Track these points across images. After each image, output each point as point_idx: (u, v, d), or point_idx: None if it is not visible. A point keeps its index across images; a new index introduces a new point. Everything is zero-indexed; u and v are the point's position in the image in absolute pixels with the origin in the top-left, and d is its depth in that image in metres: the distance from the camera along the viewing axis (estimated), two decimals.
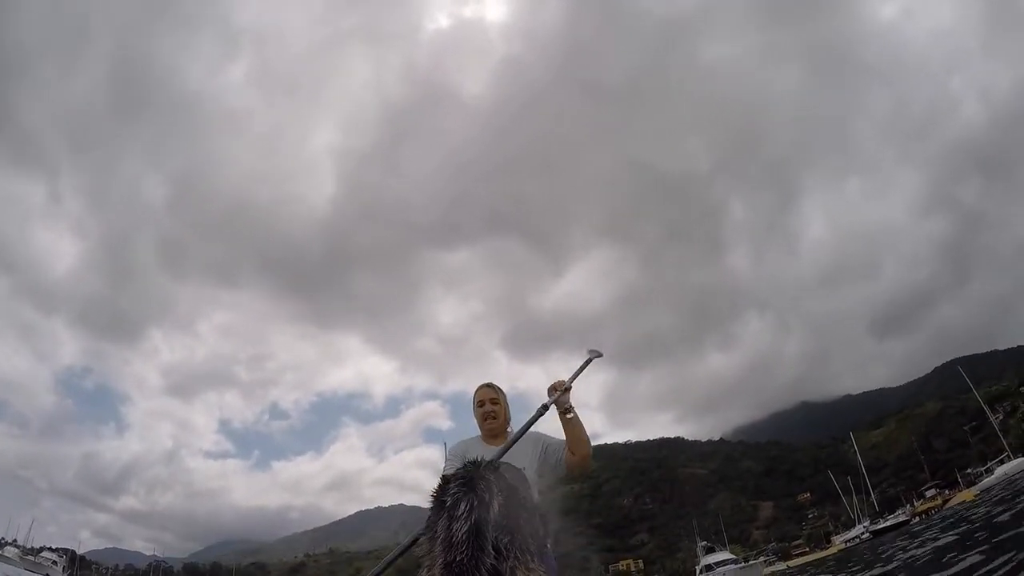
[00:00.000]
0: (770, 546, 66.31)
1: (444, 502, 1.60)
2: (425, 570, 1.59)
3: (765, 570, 47.72)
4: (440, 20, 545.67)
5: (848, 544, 50.90)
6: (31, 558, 71.22)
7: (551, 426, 3.07)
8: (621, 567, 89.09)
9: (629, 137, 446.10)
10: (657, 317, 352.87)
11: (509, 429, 3.31)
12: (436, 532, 1.58)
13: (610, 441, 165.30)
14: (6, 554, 67.43)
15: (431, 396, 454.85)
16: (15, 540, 79.96)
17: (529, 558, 1.56)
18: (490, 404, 3.30)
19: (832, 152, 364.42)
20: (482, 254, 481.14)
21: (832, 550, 53.14)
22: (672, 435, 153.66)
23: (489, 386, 3.41)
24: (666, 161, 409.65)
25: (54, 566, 71.62)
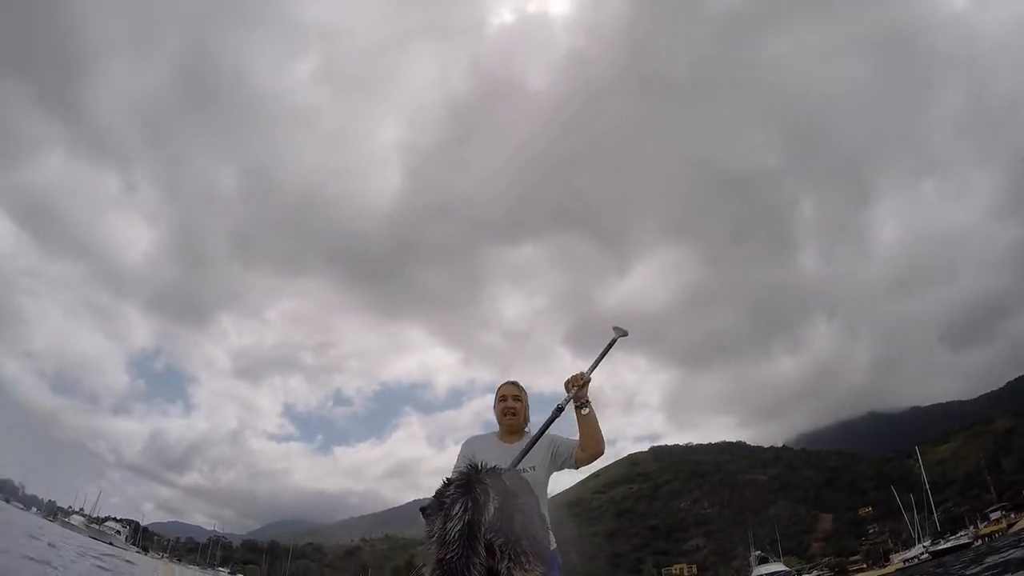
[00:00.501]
0: (825, 560, 65.18)
1: (443, 503, 1.71)
2: (428, 568, 1.71)
3: None
4: (504, 15, 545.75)
5: (907, 564, 49.92)
6: (95, 526, 76.17)
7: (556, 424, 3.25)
8: (674, 571, 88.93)
9: (694, 133, 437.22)
10: (722, 317, 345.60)
11: (526, 430, 3.45)
12: (433, 531, 1.69)
13: (671, 442, 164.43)
14: (72, 522, 72.45)
15: (493, 389, 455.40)
16: (81, 509, 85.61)
17: (525, 559, 1.63)
18: (512, 400, 3.48)
19: (905, 149, 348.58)
20: (547, 250, 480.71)
21: (890, 569, 52.24)
22: (734, 439, 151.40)
23: (514, 383, 3.61)
24: (732, 158, 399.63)
25: (117, 535, 76.20)
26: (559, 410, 3.18)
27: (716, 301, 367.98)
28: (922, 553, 48.27)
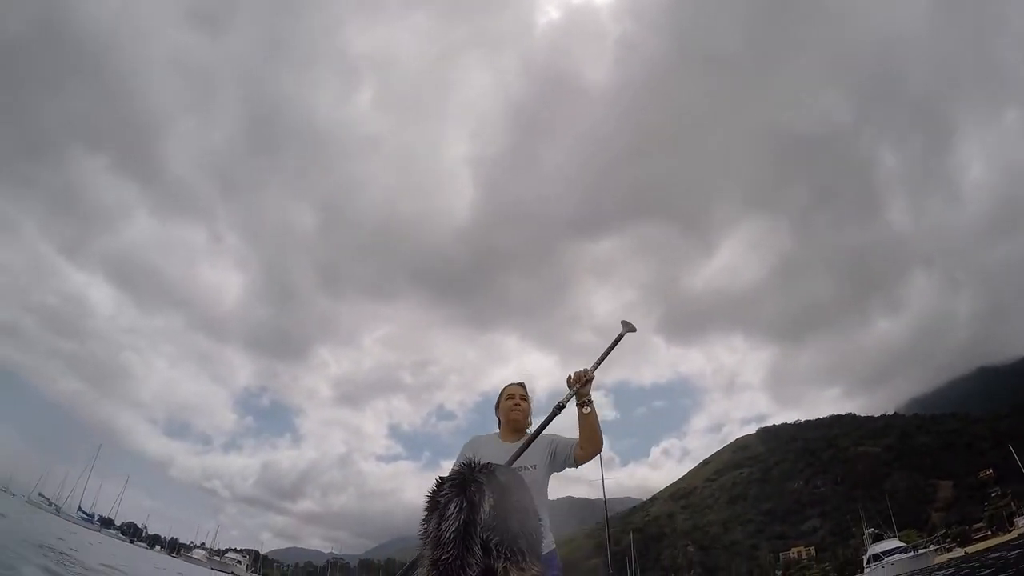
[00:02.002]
0: (941, 533, 62.89)
1: (438, 502, 1.70)
2: (424, 570, 1.68)
3: (939, 558, 46.09)
4: (551, 13, 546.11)
5: None
6: (217, 558, 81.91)
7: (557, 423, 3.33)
8: (792, 555, 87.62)
9: (760, 102, 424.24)
10: (815, 285, 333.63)
11: (528, 429, 3.49)
12: (428, 531, 1.67)
13: (777, 422, 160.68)
14: (195, 556, 78.23)
15: (593, 388, 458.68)
16: (203, 543, 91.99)
17: (522, 557, 1.60)
18: (519, 399, 3.57)
19: (980, 81, 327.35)
20: (628, 241, 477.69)
21: (1014, 534, 50.51)
22: (842, 411, 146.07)
23: (520, 384, 3.68)
24: (803, 120, 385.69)
25: (238, 565, 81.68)
26: (560, 407, 3.24)
27: (807, 270, 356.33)
28: None
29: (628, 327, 3.89)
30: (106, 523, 75.36)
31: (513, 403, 3.54)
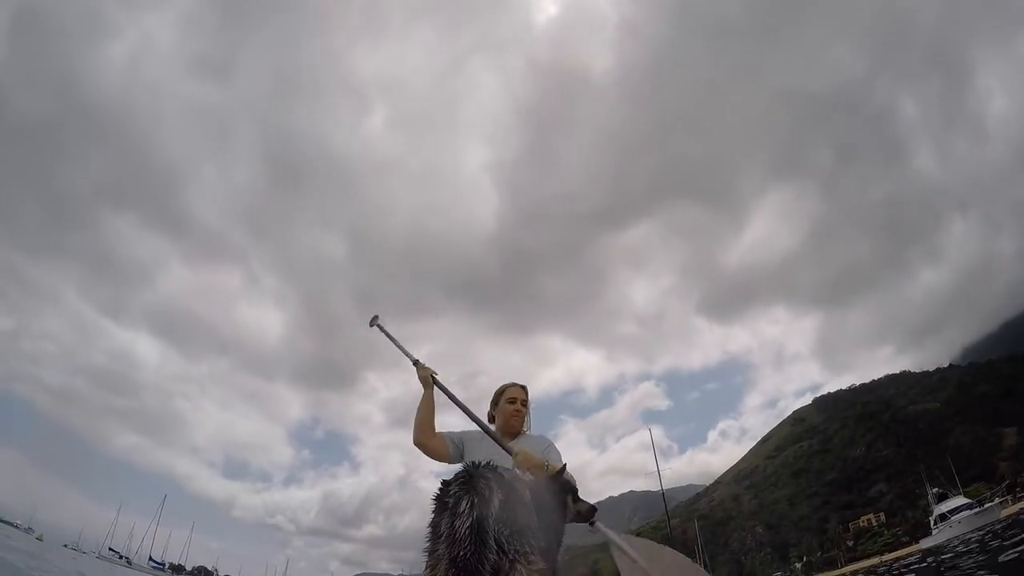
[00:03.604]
0: (1006, 484, 61.07)
1: (447, 503, 1.76)
2: (428, 569, 1.75)
3: (1007, 510, 44.96)
4: (548, 9, 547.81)
5: None
6: None
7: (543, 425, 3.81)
8: (862, 523, 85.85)
9: (771, 66, 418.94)
10: (851, 245, 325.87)
11: (525, 430, 3.48)
12: (440, 531, 1.73)
13: (832, 389, 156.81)
14: None
15: (644, 378, 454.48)
16: None
17: (529, 550, 1.68)
18: (520, 404, 3.46)
19: (989, 11, 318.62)
20: (657, 226, 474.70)
21: None
22: (896, 370, 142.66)
23: (523, 387, 3.56)
24: (816, 80, 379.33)
25: None
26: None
27: (841, 231, 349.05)
28: None
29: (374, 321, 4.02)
30: (177, 570, 77.47)
31: (514, 409, 3.43)
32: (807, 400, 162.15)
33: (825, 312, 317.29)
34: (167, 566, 73.82)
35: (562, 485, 2.71)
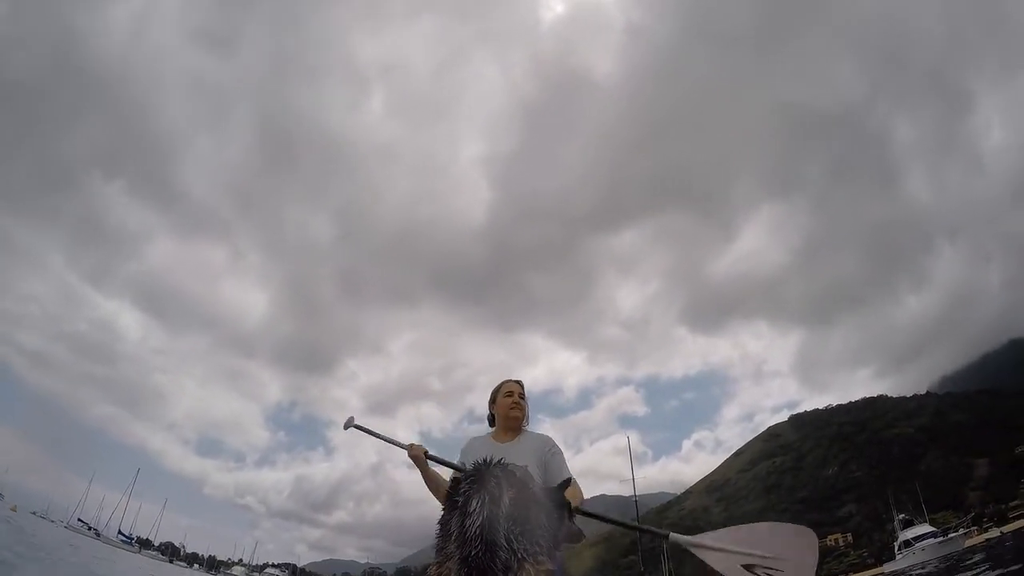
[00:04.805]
0: (971, 515, 61.51)
1: (456, 501, 1.78)
2: (436, 567, 1.74)
3: (971, 540, 45.34)
4: (555, 8, 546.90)
5: None
6: (256, 574, 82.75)
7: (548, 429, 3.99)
8: (829, 542, 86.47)
9: (772, 81, 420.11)
10: (838, 265, 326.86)
11: (526, 427, 3.43)
12: (450, 530, 1.74)
13: (809, 408, 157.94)
14: (234, 572, 79.17)
15: (623, 382, 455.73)
16: (240, 559, 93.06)
17: (539, 550, 1.67)
18: (518, 396, 3.42)
19: (992, 44, 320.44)
20: (648, 231, 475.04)
21: None
22: (874, 393, 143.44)
23: (518, 382, 3.53)
24: (816, 97, 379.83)
25: None
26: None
27: (830, 249, 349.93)
28: None
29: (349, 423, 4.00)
30: (144, 544, 76.74)
31: (512, 401, 3.38)
32: (783, 416, 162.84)
33: (807, 330, 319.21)
34: (135, 540, 73.08)
35: (558, 500, 2.47)
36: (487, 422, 3.52)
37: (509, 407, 3.36)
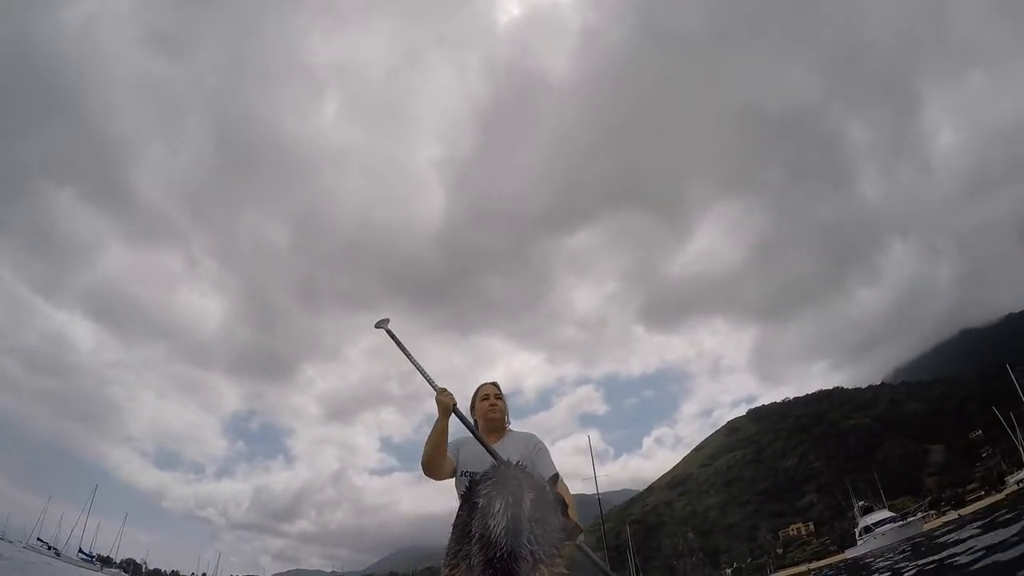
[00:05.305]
0: (928, 499, 62.43)
1: (476, 503, 1.73)
2: (449, 568, 1.74)
3: (930, 524, 45.68)
4: (511, 10, 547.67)
5: (1021, 485, 47.71)
6: None
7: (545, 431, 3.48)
8: (791, 532, 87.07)
9: (727, 83, 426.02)
10: (793, 262, 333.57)
11: (509, 427, 3.50)
12: (472, 531, 1.69)
13: (766, 402, 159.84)
14: None
15: (583, 382, 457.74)
16: (204, 574, 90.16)
17: (555, 551, 1.67)
18: (494, 398, 3.48)
19: (941, 48, 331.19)
20: (604, 232, 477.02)
21: (1005, 492, 49.93)
22: (830, 386, 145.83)
23: (494, 384, 3.61)
24: (771, 99, 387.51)
25: None
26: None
27: (784, 247, 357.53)
28: None
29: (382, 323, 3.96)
30: (106, 562, 73.86)
31: (489, 403, 3.46)
32: (742, 411, 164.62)
33: (763, 326, 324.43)
34: (95, 558, 70.18)
35: (555, 496, 2.42)
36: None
37: (487, 410, 3.44)
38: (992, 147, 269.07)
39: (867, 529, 47.80)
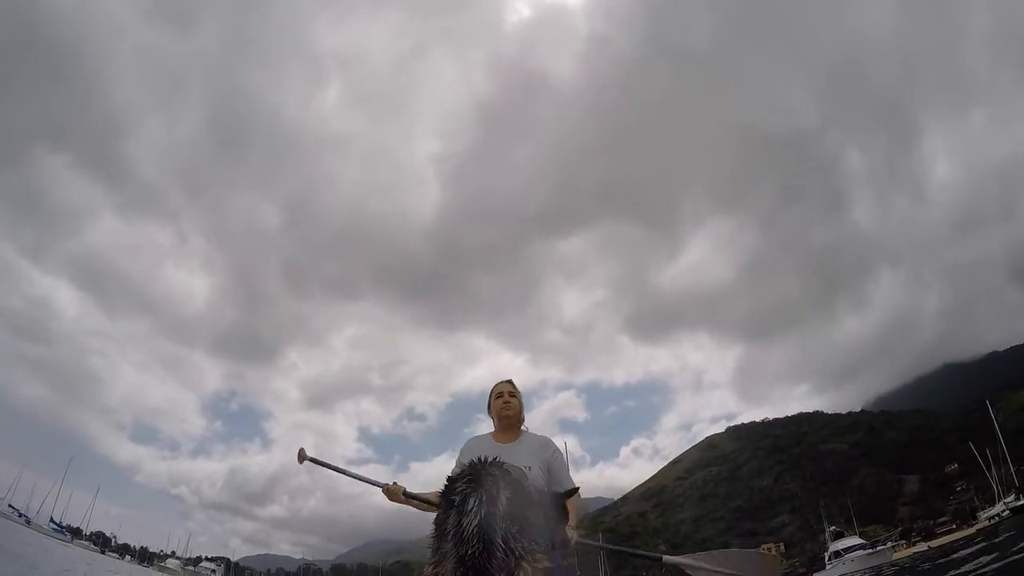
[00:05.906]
0: (899, 530, 62.75)
1: (452, 501, 1.73)
2: (431, 567, 1.72)
3: (900, 553, 45.86)
4: (521, 10, 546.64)
5: (992, 522, 47.89)
6: (191, 568, 79.43)
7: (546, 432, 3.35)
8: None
9: (729, 100, 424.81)
10: (782, 283, 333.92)
11: (524, 427, 3.48)
12: (446, 529, 1.70)
13: (746, 420, 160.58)
14: (168, 565, 75.66)
15: (565, 387, 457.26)
16: (173, 552, 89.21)
17: (536, 547, 1.66)
18: (508, 396, 3.44)
19: (944, 82, 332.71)
20: (595, 238, 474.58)
21: (976, 527, 50.15)
22: (810, 409, 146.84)
23: (509, 381, 3.59)
24: (771, 119, 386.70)
25: (213, 573, 79.52)
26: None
27: (774, 268, 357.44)
28: (1003, 511, 46.15)
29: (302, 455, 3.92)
30: (75, 533, 73.29)
31: (503, 401, 3.41)
32: (721, 427, 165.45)
33: (748, 345, 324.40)
34: (65, 529, 69.54)
35: (559, 505, 2.57)
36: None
37: (501, 408, 3.40)
38: (987, 184, 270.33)
39: (837, 554, 47.73)
